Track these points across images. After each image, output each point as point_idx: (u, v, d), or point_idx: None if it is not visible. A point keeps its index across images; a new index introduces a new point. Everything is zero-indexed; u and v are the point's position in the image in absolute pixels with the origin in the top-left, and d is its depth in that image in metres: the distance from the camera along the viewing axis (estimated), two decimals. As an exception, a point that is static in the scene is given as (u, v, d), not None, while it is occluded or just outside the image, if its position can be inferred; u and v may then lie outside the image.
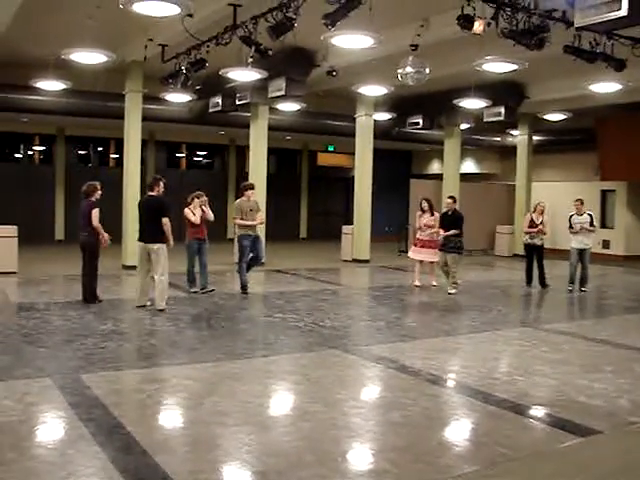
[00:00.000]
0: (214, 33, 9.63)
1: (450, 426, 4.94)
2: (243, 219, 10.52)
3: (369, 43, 8.77)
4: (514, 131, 19.81)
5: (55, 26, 10.92)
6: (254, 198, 10.87)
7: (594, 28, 6.83)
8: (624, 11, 5.73)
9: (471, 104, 14.52)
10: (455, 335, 8.18)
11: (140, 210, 9.22)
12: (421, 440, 4.50)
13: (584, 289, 11.79)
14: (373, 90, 13.78)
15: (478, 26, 7.82)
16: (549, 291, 11.88)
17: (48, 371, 5.82)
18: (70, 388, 5.36)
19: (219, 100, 14.58)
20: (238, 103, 14.50)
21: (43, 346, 6.83)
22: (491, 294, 11.98)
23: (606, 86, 12.23)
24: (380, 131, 17.28)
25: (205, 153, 24.17)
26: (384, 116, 17.34)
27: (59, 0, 9.67)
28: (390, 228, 22.39)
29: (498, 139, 20.86)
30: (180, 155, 23.29)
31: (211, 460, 4.07)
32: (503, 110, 15.11)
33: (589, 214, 11.67)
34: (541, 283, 12.02)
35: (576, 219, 11.61)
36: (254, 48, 8.96)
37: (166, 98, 14.21)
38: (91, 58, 10.34)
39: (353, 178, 17.43)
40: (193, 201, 10.43)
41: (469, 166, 23.37)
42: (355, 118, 16.72)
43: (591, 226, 11.60)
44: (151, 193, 9.07)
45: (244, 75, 11.26)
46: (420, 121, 17.16)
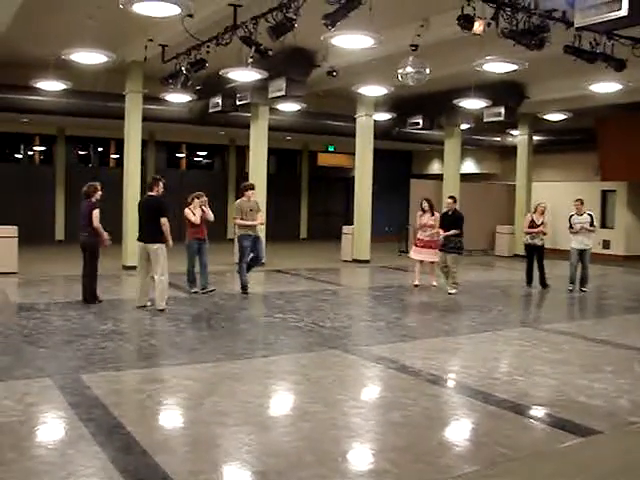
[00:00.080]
0: (214, 33, 9.64)
1: (450, 426, 4.95)
2: (243, 219, 10.53)
3: (369, 43, 8.78)
4: (514, 131, 19.81)
5: (55, 26, 10.93)
6: (254, 198, 10.86)
7: (594, 28, 6.83)
8: (624, 11, 5.73)
9: (471, 104, 14.52)
10: (455, 335, 8.18)
11: (139, 210, 9.23)
12: (421, 440, 4.51)
13: (584, 289, 11.80)
14: (373, 90, 13.78)
15: (478, 26, 7.82)
16: (549, 291, 11.88)
17: (48, 371, 5.83)
18: (70, 388, 5.36)
19: (219, 100, 14.58)
20: (238, 103, 14.51)
21: (43, 346, 6.84)
22: (491, 294, 11.98)
23: (606, 86, 12.23)
24: (380, 131, 17.28)
25: (205, 153, 24.18)
26: (384, 116, 17.34)
27: (59, 0, 9.68)
28: (390, 228, 22.40)
29: (498, 139, 20.86)
30: (180, 155, 23.30)
31: (211, 460, 4.07)
32: (503, 110, 15.10)
33: (589, 214, 11.67)
34: (541, 283, 12.02)
35: (576, 219, 11.61)
36: (254, 48, 8.97)
37: (166, 98, 14.21)
38: (91, 58, 10.36)
39: (353, 178, 17.43)
40: (193, 201, 10.45)
41: (469, 166, 23.37)
42: (355, 118, 16.71)
43: (591, 226, 11.60)
44: (151, 193, 9.07)
45: (244, 75, 11.26)
46: (420, 121, 17.17)
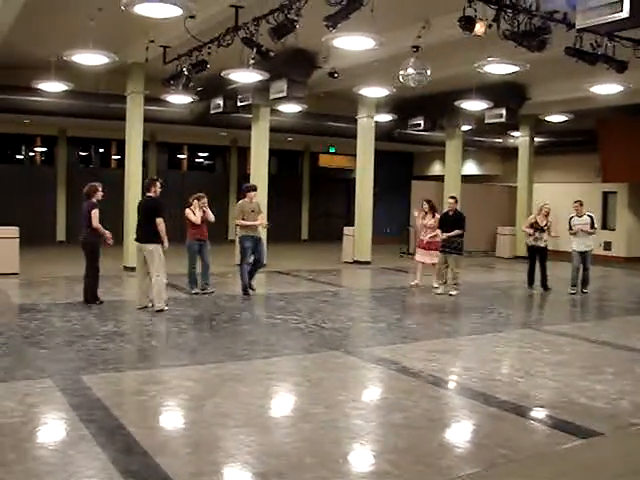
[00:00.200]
0: (216, 35, 9.65)
1: (451, 428, 4.94)
2: (244, 220, 10.53)
3: (370, 45, 8.79)
4: (515, 133, 19.80)
5: (57, 27, 10.95)
6: (256, 200, 10.87)
7: (595, 30, 6.84)
8: (625, 13, 5.71)
9: (472, 106, 14.53)
10: (456, 337, 8.18)
11: (138, 211, 9.27)
12: (422, 442, 4.50)
13: (585, 291, 11.79)
14: (374, 92, 13.78)
15: (479, 28, 7.81)
16: (550, 293, 11.87)
17: (49, 372, 5.83)
18: (71, 389, 5.36)
19: (220, 101, 14.59)
20: (239, 104, 14.52)
21: (44, 347, 6.84)
22: (492, 296, 11.98)
23: (607, 88, 12.22)
24: (381, 132, 17.29)
25: (206, 154, 24.18)
26: (385, 117, 17.34)
27: (61, 2, 9.69)
28: (389, 229, 22.38)
29: (499, 141, 20.85)
30: (181, 156, 23.30)
31: (212, 461, 4.07)
32: (504, 112, 15.10)
33: (589, 215, 11.64)
34: (543, 285, 12.00)
35: (576, 221, 11.59)
36: (255, 50, 8.97)
37: (167, 99, 14.21)
38: (93, 59, 10.37)
39: (354, 179, 17.44)
40: (194, 202, 10.45)
41: (470, 167, 23.35)
42: (356, 119, 16.71)
43: (592, 228, 11.58)
44: (148, 194, 9.12)
45: (245, 76, 11.27)
46: (421, 122, 17.16)
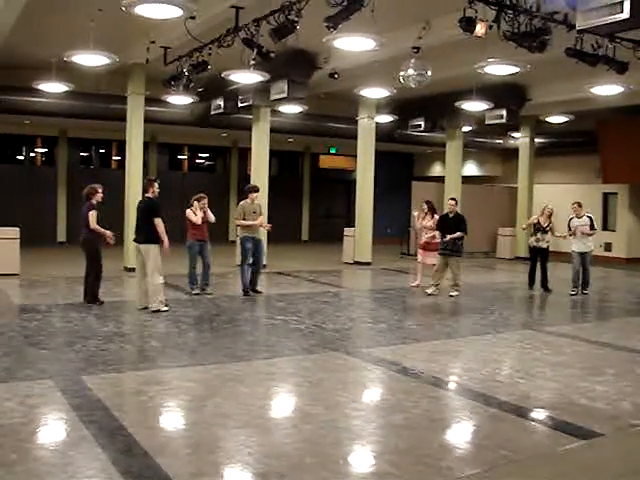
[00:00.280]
0: (216, 35, 9.65)
1: (451, 428, 4.94)
2: (245, 220, 10.55)
3: (371, 46, 8.79)
4: (516, 133, 19.80)
5: (57, 28, 10.95)
6: (257, 201, 10.90)
7: (596, 31, 6.82)
8: (626, 14, 5.71)
9: (473, 106, 14.53)
10: (457, 337, 8.18)
11: (137, 212, 9.29)
12: (422, 442, 4.50)
13: (585, 291, 11.78)
14: (375, 92, 13.78)
15: (480, 29, 7.81)
16: (551, 294, 11.86)
17: (50, 373, 5.83)
18: (72, 390, 5.36)
19: (221, 102, 14.59)
20: (240, 105, 14.52)
21: (45, 348, 6.84)
22: (493, 296, 11.97)
23: (608, 89, 12.21)
24: (382, 133, 17.29)
25: (207, 155, 24.19)
26: (386, 118, 17.32)
27: (62, 2, 9.70)
28: (389, 230, 22.37)
29: (500, 141, 20.85)
30: (182, 157, 23.31)
31: (213, 462, 4.07)
32: (505, 113, 15.10)
33: (588, 216, 11.64)
34: (543, 286, 12.00)
35: (575, 222, 11.58)
36: (256, 50, 8.97)
37: (168, 100, 14.22)
38: (93, 60, 10.38)
39: (355, 180, 17.44)
40: (194, 203, 10.46)
41: (471, 168, 23.35)
42: (357, 120, 16.72)
43: (591, 229, 11.58)
44: (146, 195, 9.14)
45: (246, 77, 11.27)
46: (422, 123, 17.15)
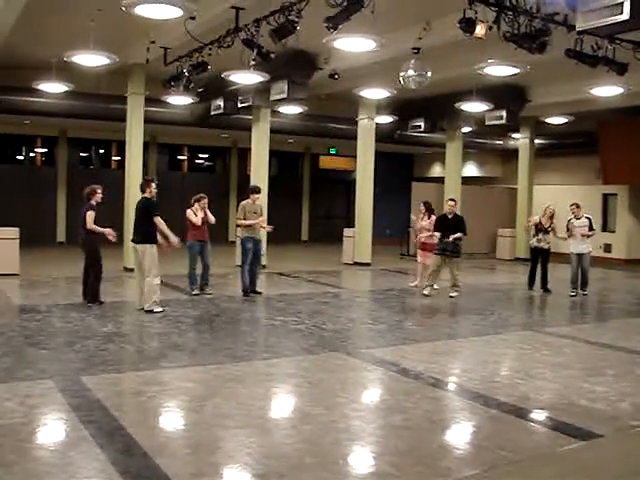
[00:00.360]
0: (216, 36, 9.65)
1: (451, 429, 4.94)
2: (246, 219, 10.57)
3: (371, 46, 8.79)
4: (516, 134, 19.80)
5: (57, 28, 10.95)
6: (259, 202, 10.93)
7: (596, 32, 6.83)
8: (626, 15, 5.72)
9: (473, 107, 14.53)
10: (456, 338, 8.18)
11: (135, 212, 9.30)
12: (422, 443, 4.50)
13: (584, 292, 11.77)
14: (375, 93, 13.78)
15: (480, 29, 7.81)
16: (550, 295, 11.86)
17: (50, 373, 5.83)
18: (71, 390, 5.36)
19: (221, 103, 14.59)
20: (240, 106, 14.52)
21: (45, 348, 6.84)
22: (493, 297, 11.97)
23: (608, 90, 12.23)
24: (382, 134, 17.29)
25: (207, 156, 24.21)
26: (386, 119, 17.33)
27: (62, 3, 9.70)
28: (389, 231, 22.37)
29: (500, 142, 20.85)
30: (182, 157, 23.32)
31: (212, 462, 4.07)
32: (505, 113, 15.10)
33: (587, 217, 11.64)
34: (543, 287, 12.00)
35: (574, 223, 11.58)
36: (256, 51, 8.97)
37: (168, 100, 14.22)
38: (93, 60, 10.38)
39: (355, 181, 17.44)
40: (195, 204, 10.46)
41: (471, 169, 23.36)
42: (357, 121, 16.72)
43: (590, 230, 11.57)
44: (144, 195, 9.15)
45: (246, 78, 11.27)
46: (422, 124, 17.14)
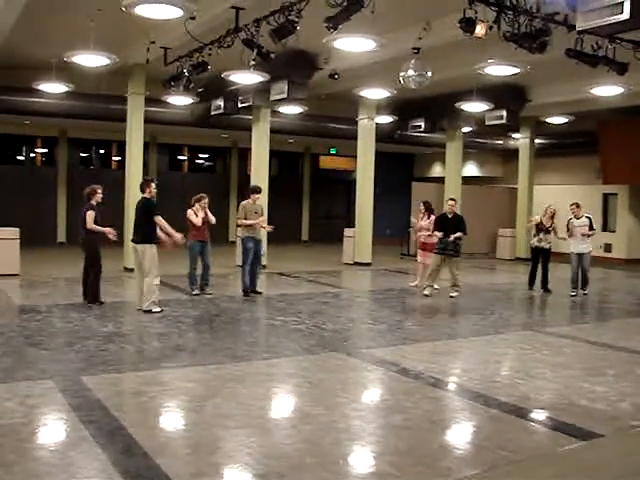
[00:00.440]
0: (216, 36, 9.66)
1: (451, 429, 4.94)
2: (247, 219, 10.57)
3: (371, 46, 8.79)
4: (516, 134, 19.81)
5: (58, 29, 10.95)
6: (259, 202, 10.94)
7: (596, 31, 6.82)
8: (626, 14, 5.72)
9: (473, 107, 14.53)
10: (457, 338, 8.18)
11: (135, 212, 9.32)
12: (422, 443, 4.50)
13: (585, 292, 11.77)
14: (375, 93, 13.78)
15: (480, 29, 7.81)
16: (551, 294, 11.86)
17: (50, 373, 5.83)
18: (71, 390, 5.36)
19: (221, 103, 14.59)
20: (240, 106, 14.52)
21: (45, 348, 6.84)
22: (493, 297, 11.97)
23: (608, 89, 12.22)
24: (382, 134, 17.29)
25: (207, 156, 24.21)
26: (386, 119, 17.33)
27: (62, 3, 9.70)
28: (389, 231, 22.37)
29: (500, 142, 20.85)
30: (182, 158, 23.32)
31: (212, 462, 4.07)
32: (505, 113, 15.10)
33: (587, 217, 11.63)
34: (543, 287, 11.99)
35: (574, 222, 11.57)
36: (256, 51, 8.98)
37: (168, 101, 14.22)
38: (94, 61, 10.39)
39: (355, 181, 17.44)
40: (195, 204, 10.46)
41: (471, 169, 23.36)
42: (357, 121, 16.72)
43: (590, 229, 11.57)
44: (143, 195, 9.16)
45: (246, 78, 11.28)
46: (422, 124, 17.15)
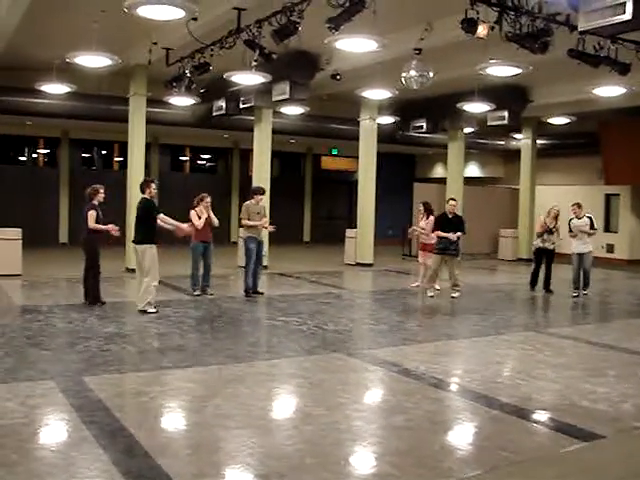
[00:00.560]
0: (218, 37, 9.66)
1: (453, 430, 4.94)
2: (250, 220, 10.59)
3: (373, 47, 8.78)
4: (518, 135, 19.79)
5: (60, 29, 10.96)
6: (262, 203, 10.96)
7: (598, 32, 6.81)
8: (628, 15, 5.71)
9: (475, 108, 14.50)
10: (458, 339, 8.18)
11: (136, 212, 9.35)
12: (423, 444, 4.50)
13: (585, 293, 11.73)
14: (377, 94, 13.77)
15: (482, 30, 7.81)
16: (553, 295, 11.84)
17: (51, 373, 5.84)
18: (73, 391, 5.36)
19: (223, 103, 14.60)
20: (242, 106, 14.52)
21: (46, 348, 6.85)
22: (494, 298, 11.96)
23: (610, 90, 12.21)
24: (384, 135, 17.27)
25: (209, 156, 24.21)
26: (388, 120, 17.33)
27: (64, 4, 9.71)
28: (391, 231, 22.36)
29: (502, 143, 20.83)
30: (184, 158, 23.33)
31: (214, 463, 4.07)
32: (507, 114, 15.09)
33: (588, 217, 11.62)
34: (545, 287, 11.98)
35: (575, 222, 11.56)
36: (258, 52, 8.98)
37: (170, 101, 14.22)
38: (96, 61, 10.39)
39: (357, 182, 17.43)
40: (199, 204, 10.46)
41: (473, 170, 23.35)
42: (359, 122, 16.71)
43: (592, 229, 11.56)
44: (143, 195, 9.19)
45: (248, 79, 11.28)
46: (424, 125, 17.13)
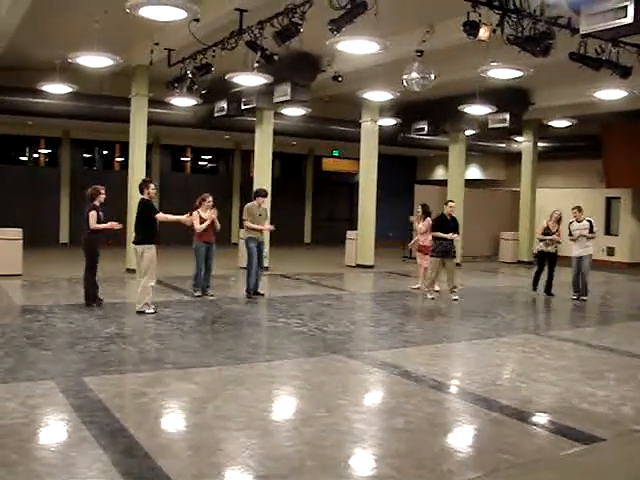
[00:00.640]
0: (220, 38, 9.68)
1: (453, 432, 4.94)
2: (252, 222, 10.60)
3: (374, 49, 8.79)
4: (519, 137, 19.79)
5: (62, 29, 10.98)
6: (264, 206, 10.98)
7: (600, 35, 6.81)
8: (630, 18, 5.71)
9: (476, 110, 14.51)
10: (458, 341, 8.18)
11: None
12: (423, 446, 4.50)
13: (584, 299, 11.58)
14: (378, 95, 13.79)
15: (483, 32, 7.82)
16: (553, 298, 11.84)
17: (51, 374, 5.84)
18: (73, 391, 5.36)
19: (224, 104, 14.61)
20: (243, 108, 14.53)
21: (47, 349, 6.85)
22: (495, 300, 11.96)
23: (611, 93, 12.23)
24: (385, 136, 17.29)
25: (210, 157, 24.23)
26: (389, 121, 17.34)
27: (66, 4, 9.73)
28: (391, 233, 22.34)
29: (503, 145, 20.84)
30: (185, 159, 23.35)
31: (213, 464, 4.07)
32: (508, 116, 15.09)
33: (588, 220, 11.61)
34: (547, 290, 11.96)
35: (575, 225, 11.56)
36: (260, 53, 9.00)
37: (171, 102, 14.24)
38: (97, 62, 10.39)
39: (358, 183, 17.44)
40: (201, 205, 10.44)
41: (474, 172, 23.36)
42: (360, 123, 16.72)
43: (591, 232, 11.55)
44: (142, 196, 9.21)
45: (250, 80, 11.30)
46: (425, 127, 17.14)
